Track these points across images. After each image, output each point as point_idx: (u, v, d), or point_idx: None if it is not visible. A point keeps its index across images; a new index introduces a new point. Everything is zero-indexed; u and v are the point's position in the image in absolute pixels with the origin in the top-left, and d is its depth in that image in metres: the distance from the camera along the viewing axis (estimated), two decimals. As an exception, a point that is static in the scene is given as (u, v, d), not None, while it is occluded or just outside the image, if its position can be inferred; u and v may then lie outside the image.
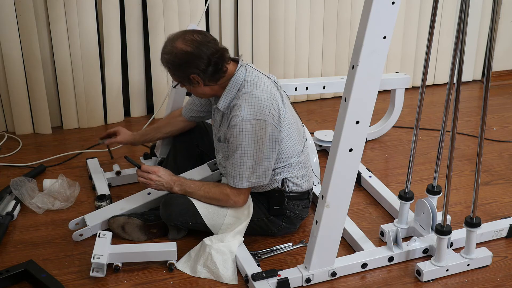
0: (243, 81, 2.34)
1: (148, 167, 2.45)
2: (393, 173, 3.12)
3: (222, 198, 2.40)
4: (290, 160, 2.42)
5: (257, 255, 2.41)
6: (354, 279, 2.32)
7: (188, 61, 2.27)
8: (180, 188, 2.44)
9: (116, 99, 3.57)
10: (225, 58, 2.32)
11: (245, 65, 2.39)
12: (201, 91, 2.37)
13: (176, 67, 2.31)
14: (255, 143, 2.28)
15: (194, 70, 2.28)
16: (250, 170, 2.32)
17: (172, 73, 2.35)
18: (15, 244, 2.49)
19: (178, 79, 2.36)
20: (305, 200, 2.53)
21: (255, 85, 2.32)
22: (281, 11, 3.64)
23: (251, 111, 2.27)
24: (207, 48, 2.28)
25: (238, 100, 2.31)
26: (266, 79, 2.39)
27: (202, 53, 2.27)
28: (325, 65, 3.91)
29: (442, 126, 2.35)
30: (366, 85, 1.97)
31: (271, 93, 2.33)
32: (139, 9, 3.43)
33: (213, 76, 2.31)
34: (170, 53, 2.29)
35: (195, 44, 2.28)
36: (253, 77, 2.35)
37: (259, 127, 2.27)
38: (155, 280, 2.29)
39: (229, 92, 2.34)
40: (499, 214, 2.73)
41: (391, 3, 1.88)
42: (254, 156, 2.30)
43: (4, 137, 3.39)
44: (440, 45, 4.07)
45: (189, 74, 2.29)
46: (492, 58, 2.10)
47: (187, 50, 2.27)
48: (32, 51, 3.27)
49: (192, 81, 2.32)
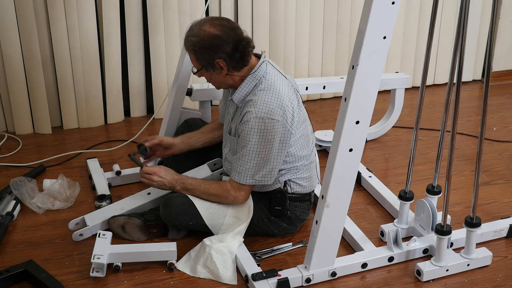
0: (262, 78, 2.32)
1: (149, 168, 2.45)
2: (393, 173, 3.12)
3: (222, 193, 2.39)
4: (297, 163, 2.42)
5: (257, 255, 2.41)
6: (354, 279, 2.32)
7: (216, 44, 2.24)
8: (182, 187, 2.44)
9: (116, 99, 3.57)
10: (250, 47, 2.31)
11: (266, 62, 2.37)
12: (221, 79, 2.34)
13: (202, 50, 2.27)
14: (265, 141, 2.27)
15: (221, 54, 2.25)
16: (256, 168, 2.31)
17: (197, 56, 2.30)
18: (15, 244, 2.49)
19: (201, 64, 2.31)
20: (307, 201, 2.53)
21: (273, 84, 2.31)
22: (281, 11, 3.64)
23: (265, 109, 2.25)
24: (235, 34, 2.27)
25: (253, 96, 2.29)
26: (284, 80, 2.38)
27: (230, 38, 2.25)
28: (325, 65, 3.91)
29: (442, 126, 2.35)
30: (366, 85, 1.97)
31: (287, 94, 2.32)
32: (139, 9, 3.43)
33: (238, 63, 2.29)
34: (197, 36, 2.26)
35: (223, 28, 2.26)
36: (272, 75, 2.34)
37: (271, 126, 2.26)
38: (155, 280, 2.29)
39: (246, 85, 2.33)
40: (499, 214, 2.73)
41: (391, 3, 1.88)
42: (262, 154, 2.29)
43: (4, 137, 3.38)
44: (440, 45, 4.07)
45: (215, 58, 2.26)
46: (492, 58, 2.10)
47: (216, 33, 2.25)
48: (32, 51, 3.27)
49: (216, 66, 2.28)
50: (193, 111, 2.99)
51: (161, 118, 3.10)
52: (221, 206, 2.43)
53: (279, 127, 2.27)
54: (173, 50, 3.51)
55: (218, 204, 2.43)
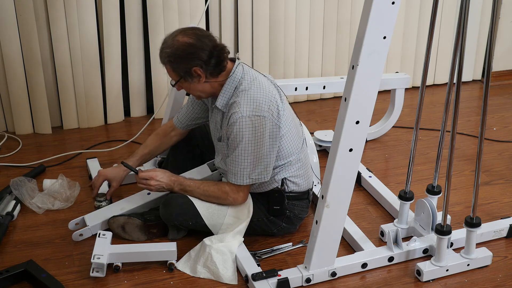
0: (241, 79, 2.34)
1: (145, 173, 2.44)
2: (393, 173, 3.12)
3: (221, 195, 2.40)
4: (289, 157, 2.42)
5: (257, 255, 2.41)
6: (354, 279, 2.32)
7: (191, 52, 2.26)
8: (180, 188, 2.44)
9: (116, 99, 3.57)
10: (225, 52, 2.32)
11: (241, 64, 2.39)
12: (200, 87, 2.35)
13: (178, 59, 2.28)
14: (255, 139, 2.28)
15: (197, 61, 2.26)
16: (251, 167, 2.32)
17: (174, 67, 2.32)
18: (15, 244, 2.49)
19: (179, 74, 2.33)
20: (305, 200, 2.53)
21: (252, 83, 2.33)
22: (281, 11, 3.64)
23: (250, 108, 2.27)
24: (208, 40, 2.29)
25: (236, 98, 2.31)
26: (263, 77, 2.40)
27: (204, 45, 2.27)
28: (325, 65, 3.91)
29: (442, 126, 2.35)
30: (366, 85, 1.97)
31: (269, 90, 2.33)
32: (139, 9, 3.43)
33: (215, 69, 2.30)
34: (172, 47, 2.28)
35: (197, 36, 2.28)
36: (250, 75, 2.36)
37: (259, 123, 2.27)
38: (155, 280, 2.29)
39: (226, 89, 2.34)
40: (499, 214, 2.73)
41: (391, 3, 1.88)
42: (254, 152, 2.30)
43: (4, 137, 3.38)
44: (440, 45, 4.07)
45: (191, 67, 2.27)
46: (492, 58, 2.10)
47: (190, 42, 2.26)
48: (32, 51, 3.27)
49: (194, 75, 2.30)
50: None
51: (161, 118, 3.10)
52: (221, 206, 2.43)
53: (267, 123, 2.28)
54: (173, 50, 3.51)
55: (218, 204, 2.43)
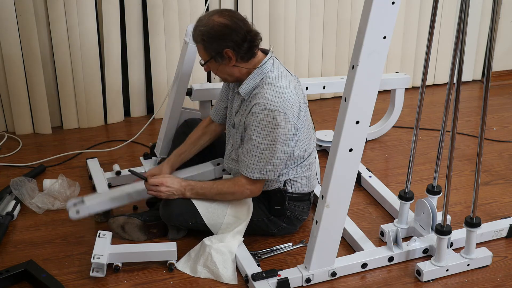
0: (269, 72, 2.33)
1: (155, 180, 2.40)
2: (393, 173, 3.12)
3: (237, 189, 2.37)
4: (299, 160, 2.42)
5: (257, 255, 2.41)
6: (354, 279, 2.32)
7: (225, 33, 2.25)
8: (192, 192, 2.41)
9: (116, 99, 3.57)
10: (258, 38, 2.32)
11: (273, 57, 2.38)
12: (228, 70, 2.34)
13: (211, 39, 2.27)
14: (273, 134, 2.26)
15: (230, 43, 2.25)
16: (264, 162, 2.30)
17: (206, 46, 2.30)
18: (15, 244, 2.49)
19: (210, 54, 2.30)
20: (306, 201, 2.53)
21: (280, 78, 2.32)
22: (281, 11, 3.64)
23: (274, 102, 2.25)
24: (243, 24, 2.28)
25: (262, 89, 2.29)
26: (290, 76, 2.39)
27: (239, 28, 2.26)
28: (325, 65, 3.91)
29: (442, 126, 2.35)
30: (366, 85, 1.97)
31: (294, 89, 2.33)
32: (139, 9, 3.43)
33: (246, 54, 2.29)
34: (206, 25, 2.27)
35: (233, 18, 2.27)
36: (279, 70, 2.35)
37: (280, 119, 2.25)
38: (155, 280, 2.29)
39: (253, 78, 2.33)
40: (499, 214, 2.73)
41: (391, 3, 1.88)
42: (269, 148, 2.28)
43: (4, 137, 3.39)
44: (440, 45, 4.07)
45: (224, 48, 2.26)
46: (492, 58, 2.10)
47: (225, 23, 2.26)
48: (32, 51, 3.27)
49: (224, 56, 2.28)
50: (193, 111, 2.99)
51: (161, 118, 3.10)
52: (221, 205, 2.43)
53: (287, 120, 2.27)
54: (173, 50, 3.51)
55: (218, 204, 2.43)
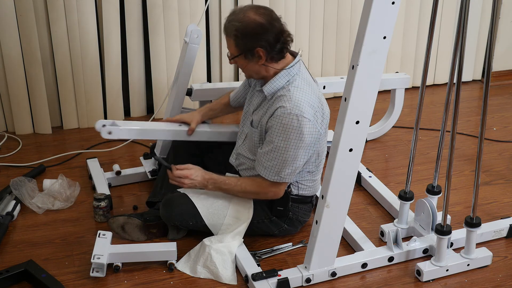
0: (296, 75, 2.31)
1: (180, 172, 2.37)
2: (393, 173, 3.12)
3: (261, 190, 2.37)
4: (313, 166, 2.41)
5: (257, 255, 2.41)
6: (354, 279, 2.32)
7: (259, 32, 2.23)
8: (214, 186, 2.40)
9: (116, 99, 3.57)
10: (291, 40, 2.30)
11: (301, 61, 2.37)
12: (256, 68, 2.32)
13: (245, 36, 2.24)
14: (296, 139, 2.25)
15: (263, 43, 2.23)
16: (283, 165, 2.29)
17: (237, 42, 2.27)
18: (15, 244, 2.49)
19: (240, 50, 2.28)
20: (309, 204, 2.53)
21: (306, 84, 2.31)
22: (281, 11, 3.64)
23: (300, 107, 2.23)
24: (278, 24, 2.26)
25: (287, 92, 2.27)
26: (313, 82, 2.39)
27: (273, 28, 2.24)
28: (325, 65, 3.91)
29: (442, 126, 2.35)
30: (366, 85, 1.97)
31: (318, 96, 2.32)
32: (139, 9, 3.43)
33: (277, 55, 2.28)
34: (242, 21, 2.24)
35: (268, 18, 2.25)
36: (305, 75, 2.34)
37: (304, 125, 2.24)
38: (155, 280, 2.29)
39: (279, 79, 2.31)
40: (499, 214, 2.73)
41: (391, 3, 1.88)
42: (290, 152, 2.27)
43: (4, 137, 3.38)
44: (440, 45, 4.07)
45: (255, 47, 2.24)
46: (492, 58, 2.10)
47: (261, 22, 2.23)
48: (32, 51, 3.27)
49: (255, 54, 2.26)
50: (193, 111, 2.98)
51: (161, 118, 3.10)
52: (221, 206, 2.43)
53: (310, 127, 2.25)
54: (173, 50, 3.51)
55: (218, 204, 2.43)
